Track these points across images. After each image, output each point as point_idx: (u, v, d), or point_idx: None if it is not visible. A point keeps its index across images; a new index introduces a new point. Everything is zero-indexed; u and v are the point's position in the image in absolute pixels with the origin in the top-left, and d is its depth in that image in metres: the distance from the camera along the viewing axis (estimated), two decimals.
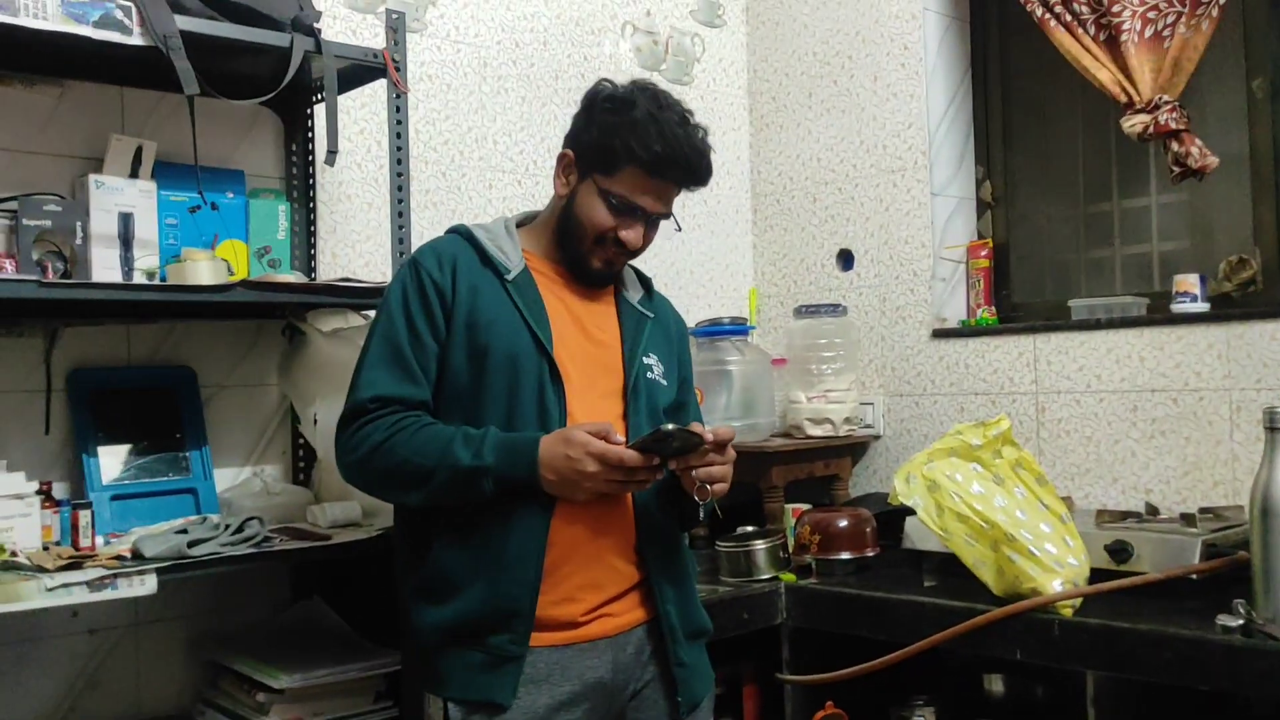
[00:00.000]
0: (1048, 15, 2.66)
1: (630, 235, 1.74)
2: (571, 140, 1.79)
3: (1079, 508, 2.56)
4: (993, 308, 2.93)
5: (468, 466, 1.60)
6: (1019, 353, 2.80)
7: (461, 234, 1.79)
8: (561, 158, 1.79)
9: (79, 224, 2.00)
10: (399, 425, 1.65)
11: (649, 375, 1.79)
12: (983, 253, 2.96)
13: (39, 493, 1.91)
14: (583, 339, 1.77)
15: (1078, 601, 2.03)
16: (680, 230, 1.93)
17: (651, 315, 1.86)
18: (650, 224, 1.78)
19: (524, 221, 1.87)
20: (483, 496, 1.62)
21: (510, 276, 1.73)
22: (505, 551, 1.63)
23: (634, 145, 1.70)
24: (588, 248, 1.76)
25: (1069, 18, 2.63)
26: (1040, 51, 2.77)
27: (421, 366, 1.69)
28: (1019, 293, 3.03)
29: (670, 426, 1.56)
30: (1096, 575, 2.10)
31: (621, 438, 1.61)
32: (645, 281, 1.93)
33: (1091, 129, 2.90)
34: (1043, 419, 2.75)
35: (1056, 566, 2.06)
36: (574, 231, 1.76)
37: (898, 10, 3.03)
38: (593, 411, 1.71)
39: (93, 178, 2.03)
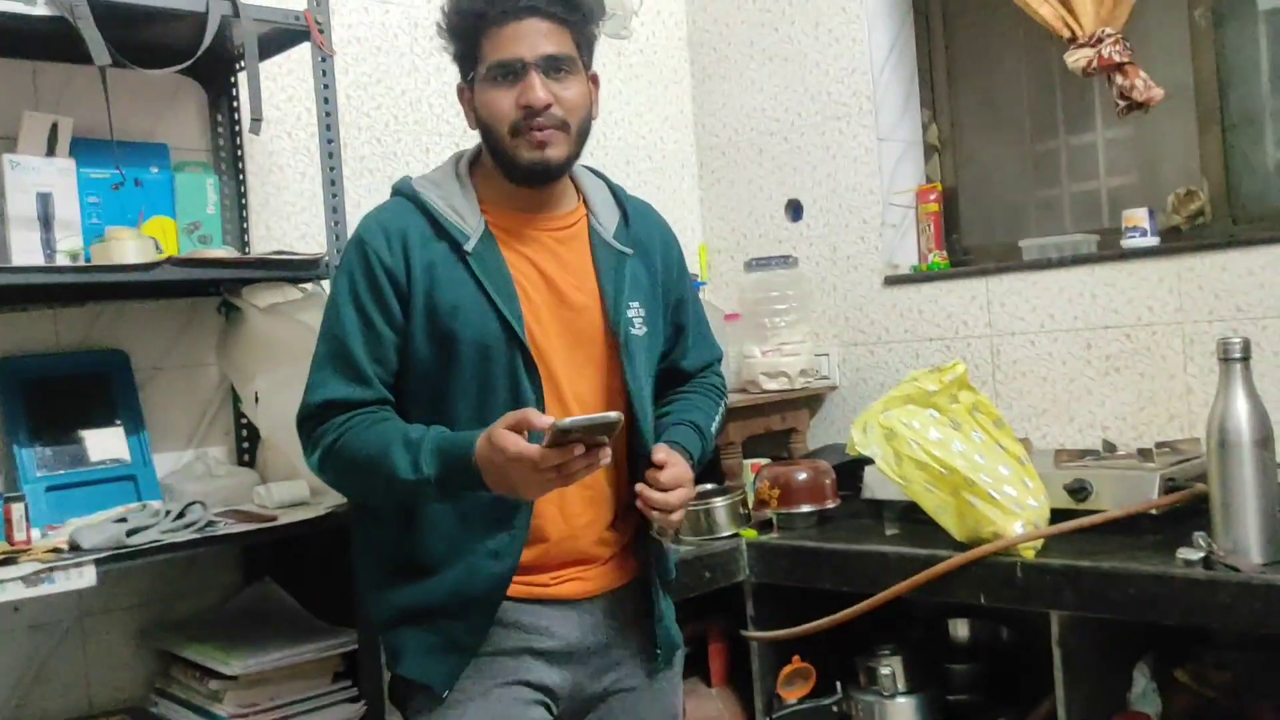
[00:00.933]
0: None
1: (528, 96, 1.54)
2: (460, 70, 1.65)
3: (1037, 449, 2.55)
4: (944, 252, 2.90)
5: (405, 479, 1.48)
6: (972, 296, 2.78)
7: (408, 196, 1.62)
8: (459, 93, 1.66)
9: None
10: (347, 426, 1.54)
11: (633, 330, 1.65)
12: (931, 197, 2.93)
13: None
14: (558, 305, 1.62)
15: (1039, 543, 2.03)
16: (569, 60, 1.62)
17: (630, 251, 1.68)
18: (548, 73, 1.56)
19: (476, 160, 1.69)
20: (435, 501, 1.54)
21: (469, 245, 1.57)
22: (483, 543, 1.57)
23: (469, 17, 1.57)
24: (509, 143, 1.57)
25: None
26: None
27: (378, 359, 1.56)
28: (970, 236, 3.01)
29: (567, 422, 1.38)
30: (1057, 515, 2.09)
31: (548, 420, 1.40)
32: (620, 198, 1.74)
33: (1035, 66, 2.87)
34: (998, 361, 2.74)
35: (1017, 509, 2.05)
36: (493, 139, 1.59)
37: None
38: (582, 393, 1.62)
39: (6, 158, 1.94)
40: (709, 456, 1.78)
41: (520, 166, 1.58)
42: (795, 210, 3.13)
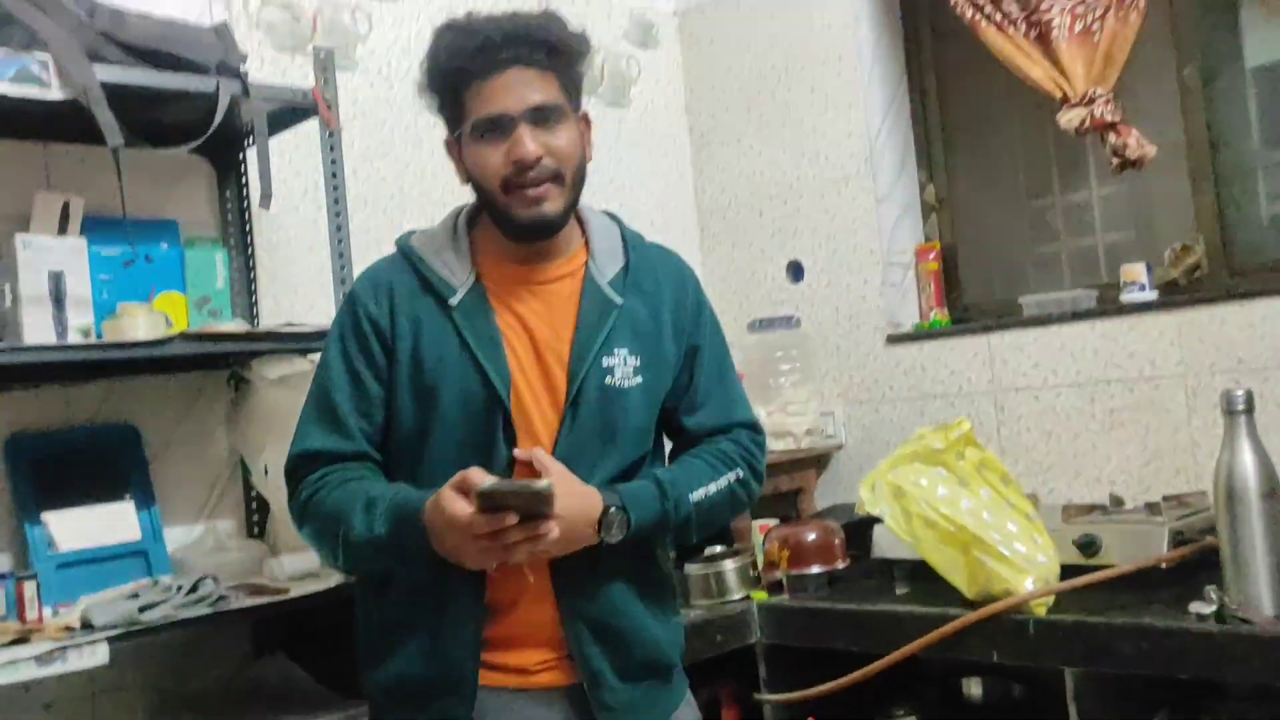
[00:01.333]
0: (978, 16, 2.68)
1: (518, 150, 1.48)
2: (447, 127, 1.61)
3: (1045, 504, 2.55)
4: (945, 310, 2.93)
5: (358, 538, 1.44)
6: (974, 353, 2.80)
7: (403, 252, 1.60)
8: (447, 149, 1.61)
9: (6, 286, 1.93)
10: (320, 484, 1.52)
11: (608, 380, 1.53)
12: (931, 255, 2.96)
13: None
14: (539, 370, 1.55)
15: (1050, 599, 2.02)
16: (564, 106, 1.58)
17: (620, 301, 1.57)
18: (537, 124, 1.50)
19: (477, 213, 1.64)
20: (391, 567, 1.49)
21: (454, 300, 1.53)
22: (443, 609, 1.51)
23: (451, 72, 1.51)
24: (503, 200, 1.51)
25: (999, 17, 2.65)
26: (974, 53, 2.78)
27: (363, 413, 1.53)
28: (970, 293, 3.03)
29: (486, 485, 1.32)
30: (1067, 571, 2.09)
31: (486, 478, 1.35)
32: (629, 245, 1.64)
33: (1029, 126, 2.92)
34: (1003, 417, 2.75)
35: (1027, 565, 2.05)
36: (486, 195, 1.54)
37: (830, 20, 3.04)
38: (567, 455, 1.51)
39: (19, 238, 1.96)
40: (686, 520, 1.56)
41: (517, 224, 1.53)
42: (796, 271, 3.16)
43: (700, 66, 3.35)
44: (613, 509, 1.49)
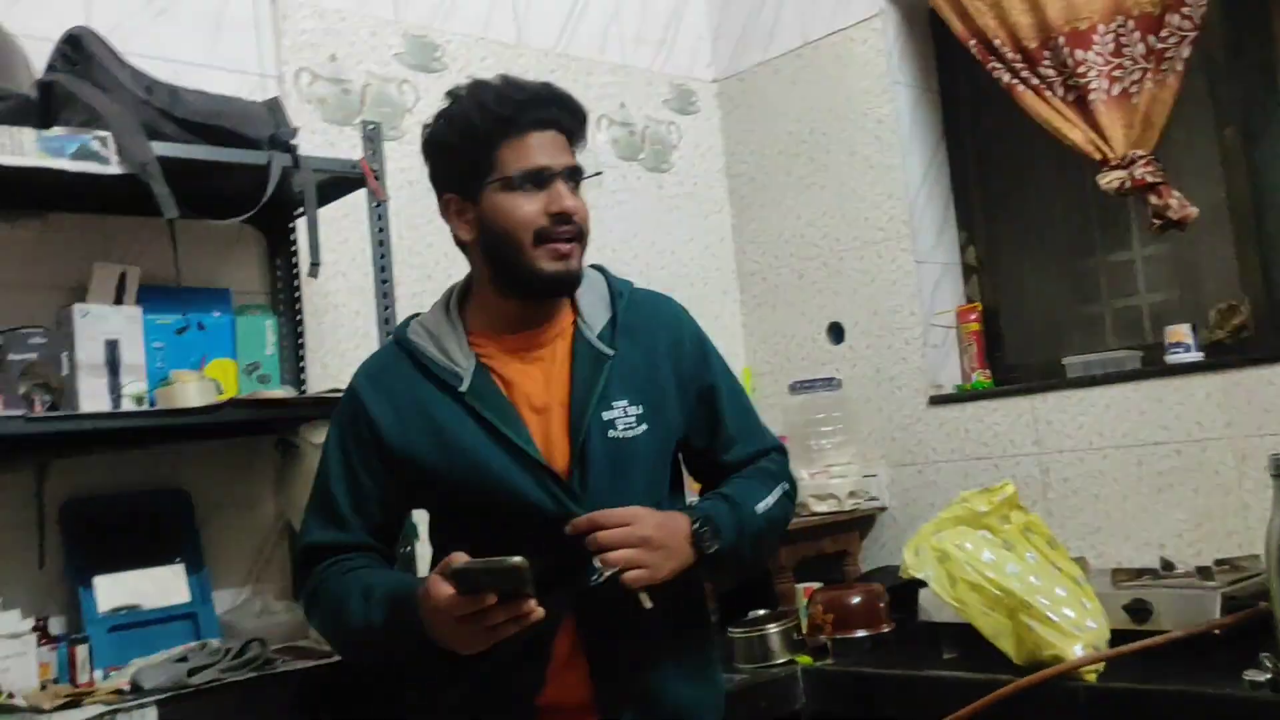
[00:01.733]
0: (1015, 81, 2.70)
1: (561, 203, 1.52)
2: (442, 185, 1.62)
3: (1094, 568, 2.51)
4: (987, 370, 2.92)
5: (357, 626, 1.48)
6: (1018, 414, 2.78)
7: (401, 344, 1.63)
8: (445, 207, 1.61)
9: (64, 355, 1.99)
10: (322, 576, 1.57)
11: (611, 433, 1.55)
12: (972, 316, 2.96)
13: (35, 629, 1.88)
14: (541, 426, 1.56)
15: (1101, 666, 1.99)
16: (600, 174, 1.68)
17: (611, 352, 1.59)
18: (570, 183, 1.56)
19: (467, 290, 1.68)
20: (392, 655, 1.51)
21: (464, 387, 1.55)
22: (499, 672, 1.52)
23: (490, 125, 1.53)
24: (530, 253, 1.53)
25: (1036, 81, 2.67)
26: (1012, 114, 2.80)
27: (356, 506, 1.57)
28: (1012, 354, 3.02)
29: (458, 565, 1.32)
30: (1117, 637, 2.06)
31: (464, 560, 1.35)
32: (614, 295, 1.65)
33: (1070, 185, 2.92)
34: (1048, 480, 2.72)
35: (1076, 631, 2.02)
36: (510, 248, 1.54)
37: (868, 85, 3.07)
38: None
39: (77, 307, 2.03)
40: (759, 532, 1.61)
41: (542, 277, 1.55)
42: (837, 333, 3.17)
43: (739, 131, 3.39)
44: (698, 522, 1.52)
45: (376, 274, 2.18)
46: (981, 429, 2.85)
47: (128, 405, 2.03)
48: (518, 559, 1.31)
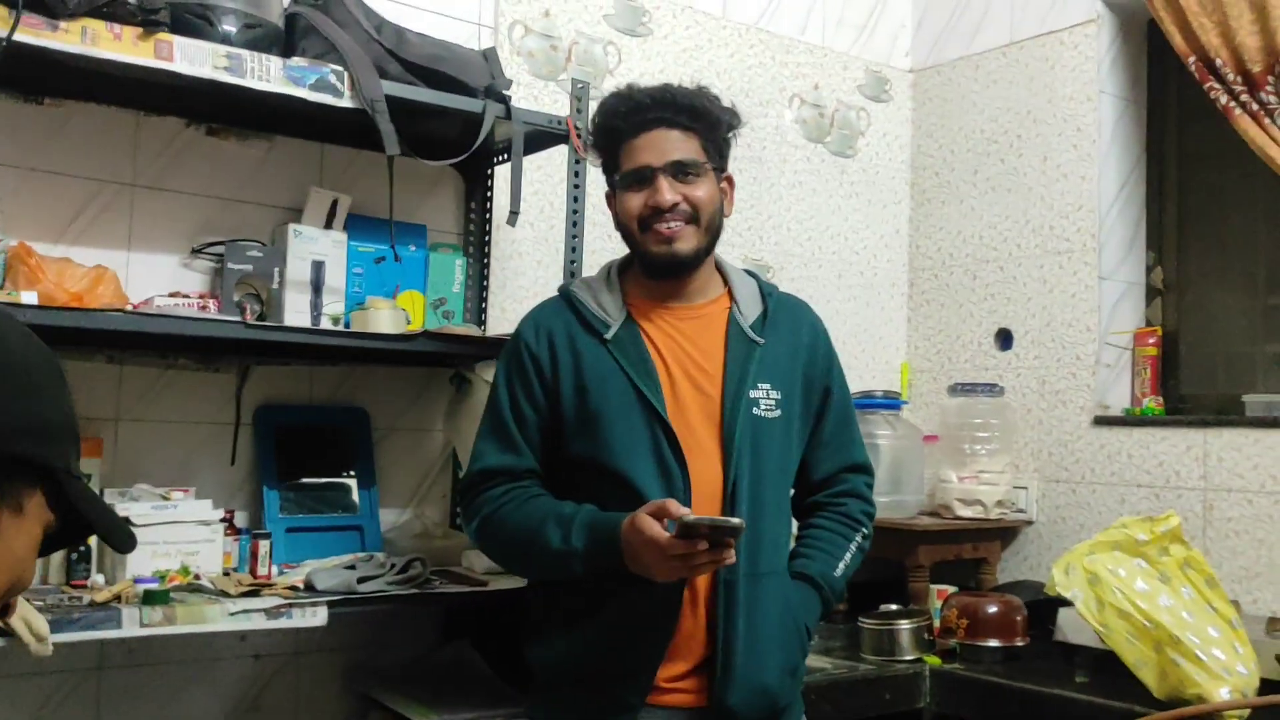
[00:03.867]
0: (1233, 103, 2.60)
1: (656, 197, 1.71)
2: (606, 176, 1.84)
3: (1247, 613, 2.45)
4: (1159, 397, 2.84)
5: (556, 549, 1.62)
6: (1187, 446, 2.70)
7: (563, 296, 1.82)
8: (607, 200, 1.83)
9: (276, 270, 2.13)
10: (504, 499, 1.70)
11: (755, 411, 1.71)
12: (1151, 340, 2.88)
13: (223, 520, 2.02)
14: (690, 387, 1.72)
15: (1246, 712, 1.95)
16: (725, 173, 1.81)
17: (761, 341, 1.76)
18: (676, 176, 1.72)
19: (628, 264, 1.85)
20: (578, 576, 1.63)
21: (609, 334, 1.73)
22: (635, 619, 1.65)
23: (607, 131, 1.76)
24: (639, 239, 1.75)
25: (1255, 107, 2.57)
26: (1221, 137, 2.70)
27: (525, 438, 1.73)
28: (1188, 384, 2.93)
29: (692, 519, 1.51)
30: (1266, 686, 2.01)
31: (685, 511, 1.55)
32: (766, 294, 1.84)
33: (1273, 216, 2.81)
34: (1210, 517, 2.65)
35: (1224, 674, 1.98)
36: (628, 235, 1.77)
37: (1072, 92, 3.00)
38: (705, 470, 1.68)
39: (292, 227, 2.16)
40: (839, 598, 1.82)
41: (651, 259, 1.75)
42: (1005, 339, 3.13)
43: (930, 124, 3.36)
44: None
45: (568, 228, 2.25)
46: (1146, 455, 2.78)
47: (325, 323, 2.16)
48: (737, 520, 1.53)
